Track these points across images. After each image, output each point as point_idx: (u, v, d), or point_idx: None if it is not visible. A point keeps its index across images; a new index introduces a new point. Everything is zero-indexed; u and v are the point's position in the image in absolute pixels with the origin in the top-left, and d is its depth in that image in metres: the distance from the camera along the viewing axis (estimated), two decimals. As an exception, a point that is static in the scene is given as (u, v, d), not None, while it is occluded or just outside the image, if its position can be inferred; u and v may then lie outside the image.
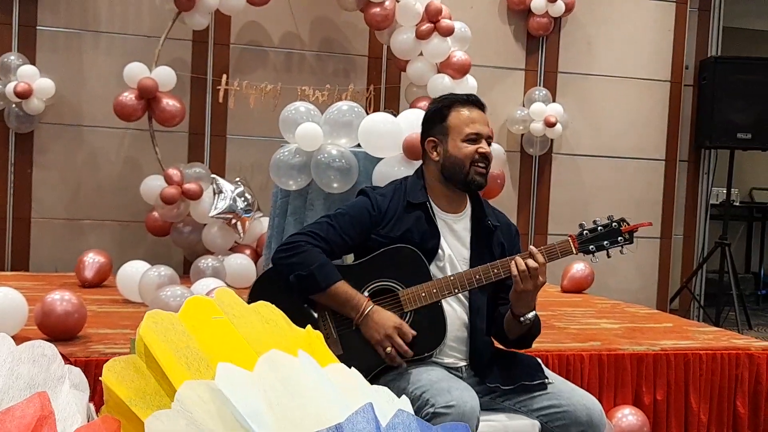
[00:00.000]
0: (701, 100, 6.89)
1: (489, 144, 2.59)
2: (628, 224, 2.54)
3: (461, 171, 2.55)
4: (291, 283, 2.44)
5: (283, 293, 2.48)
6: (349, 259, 2.73)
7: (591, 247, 2.51)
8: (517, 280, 2.40)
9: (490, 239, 2.61)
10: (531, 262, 2.40)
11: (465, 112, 2.58)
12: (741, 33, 8.32)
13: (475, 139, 2.55)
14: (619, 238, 2.52)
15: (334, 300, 2.44)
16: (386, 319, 2.40)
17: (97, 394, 1.72)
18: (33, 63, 5.54)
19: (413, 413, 1.42)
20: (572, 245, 2.50)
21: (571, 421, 2.40)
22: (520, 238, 2.79)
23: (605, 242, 2.51)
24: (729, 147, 6.67)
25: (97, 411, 1.64)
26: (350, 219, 2.54)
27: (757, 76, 6.58)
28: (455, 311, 2.54)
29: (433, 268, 2.51)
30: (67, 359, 1.69)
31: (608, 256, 2.53)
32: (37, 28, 5.67)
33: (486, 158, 2.56)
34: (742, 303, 6.65)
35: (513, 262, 2.41)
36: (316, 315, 2.47)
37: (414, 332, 2.42)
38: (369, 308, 2.41)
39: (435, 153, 2.60)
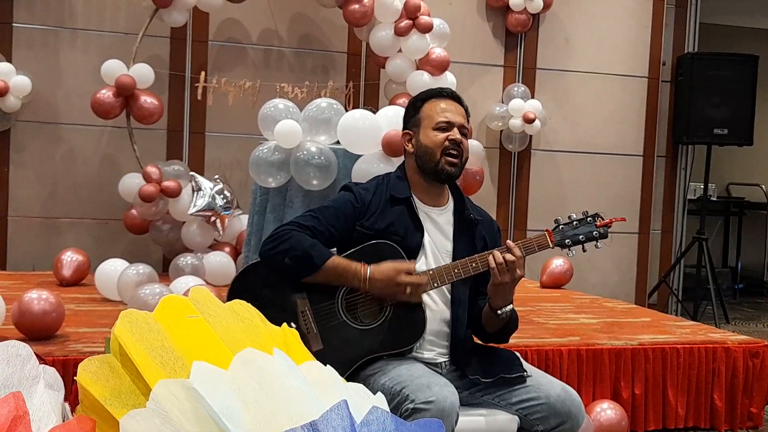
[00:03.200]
0: (678, 96, 6.94)
1: (464, 135, 2.58)
2: (603, 219, 2.57)
3: (432, 160, 2.56)
4: (286, 267, 2.44)
5: (264, 289, 2.48)
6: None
7: (567, 241, 2.54)
8: (495, 273, 2.43)
9: (473, 232, 2.63)
10: (508, 256, 2.42)
11: (437, 103, 2.61)
12: (717, 29, 8.39)
13: (445, 127, 2.56)
14: (594, 233, 2.55)
15: (332, 274, 2.45)
16: (386, 270, 2.42)
17: (72, 394, 1.72)
18: (9, 60, 5.49)
19: (388, 410, 1.42)
20: (549, 239, 2.53)
21: (550, 413, 2.42)
22: (501, 234, 2.81)
23: (580, 236, 2.55)
24: (706, 142, 6.71)
25: (73, 411, 1.63)
26: (334, 211, 2.55)
27: (733, 72, 6.63)
28: (437, 305, 2.55)
29: (416, 262, 2.52)
30: (42, 359, 1.68)
31: (584, 251, 2.56)
32: (13, 25, 5.62)
33: (458, 145, 2.55)
34: (719, 297, 6.71)
35: (491, 255, 2.44)
36: (296, 310, 2.48)
37: (413, 262, 2.46)
38: (368, 272, 2.43)
39: (410, 145, 2.64)
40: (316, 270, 2.44)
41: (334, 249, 2.59)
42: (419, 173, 2.62)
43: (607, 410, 3.51)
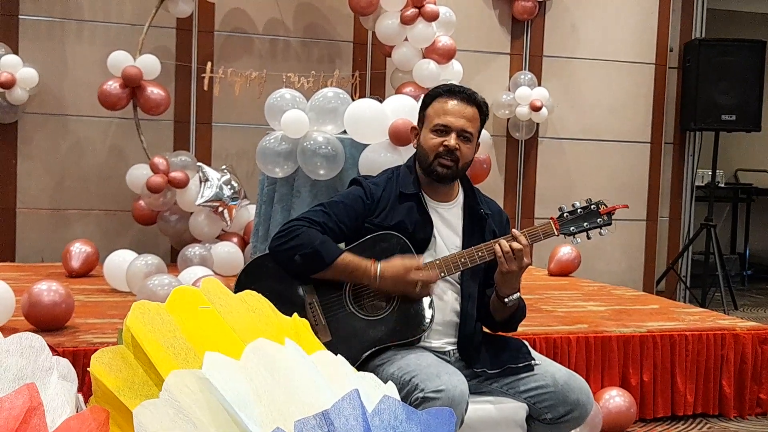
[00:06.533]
0: (686, 83, 6.91)
1: (467, 139, 2.53)
2: (606, 206, 2.56)
3: (426, 161, 2.55)
4: (296, 264, 2.43)
5: (271, 281, 2.48)
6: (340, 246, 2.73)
7: (572, 228, 2.54)
8: (501, 261, 2.42)
9: (483, 227, 2.62)
10: (515, 244, 2.42)
11: (445, 103, 2.54)
12: (724, 14, 8.34)
13: (442, 130, 2.51)
14: (598, 220, 2.55)
15: (342, 272, 2.44)
16: (396, 268, 2.42)
17: (85, 385, 1.73)
18: (15, 53, 5.50)
19: (399, 399, 1.43)
20: (554, 227, 2.53)
21: (558, 401, 2.42)
22: (510, 223, 2.80)
23: (585, 224, 2.55)
24: (714, 129, 6.69)
25: (86, 401, 1.65)
26: (344, 207, 2.54)
27: (740, 58, 6.60)
28: (446, 296, 2.55)
29: (426, 257, 2.52)
30: (54, 351, 1.70)
31: (588, 238, 2.56)
32: (19, 17, 5.63)
33: (450, 152, 2.50)
34: (727, 284, 6.69)
35: (497, 244, 2.43)
36: (304, 302, 2.48)
37: (420, 256, 2.46)
38: (378, 270, 2.42)
39: (415, 141, 2.63)
40: (325, 268, 2.44)
41: (342, 244, 2.59)
42: (420, 169, 2.62)
43: (615, 397, 3.52)
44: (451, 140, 2.50)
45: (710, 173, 6.87)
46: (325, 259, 2.43)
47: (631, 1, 6.84)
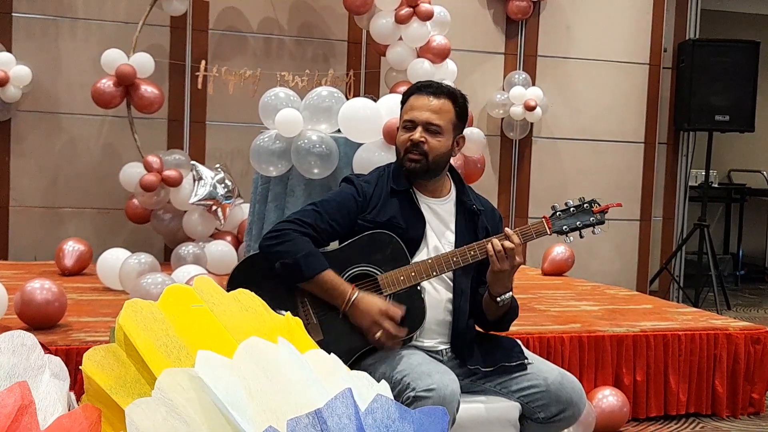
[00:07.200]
0: (680, 83, 6.93)
1: (434, 132, 2.52)
2: (599, 205, 2.57)
3: (399, 158, 2.58)
4: (276, 270, 2.44)
5: (263, 280, 2.47)
6: (334, 245, 2.72)
7: (564, 227, 2.55)
8: (493, 260, 2.42)
9: (475, 222, 2.62)
10: (507, 243, 2.42)
11: (414, 100, 2.56)
12: (719, 15, 8.36)
13: (409, 126, 2.54)
14: (591, 219, 2.55)
15: (319, 288, 2.44)
16: (372, 304, 2.40)
17: (77, 383, 1.73)
18: (9, 50, 5.49)
19: (392, 397, 1.43)
20: (546, 226, 2.54)
21: (551, 400, 2.43)
22: (503, 222, 2.80)
23: (578, 223, 2.55)
24: (707, 129, 6.71)
25: (78, 400, 1.64)
26: (336, 205, 2.54)
27: (734, 59, 6.61)
28: (439, 294, 2.55)
29: (418, 253, 2.52)
30: (47, 349, 1.69)
31: (581, 237, 2.56)
32: (13, 15, 5.61)
33: (416, 146, 2.51)
34: (720, 284, 6.71)
35: (490, 243, 2.44)
36: (296, 301, 2.48)
37: (402, 310, 2.41)
38: (354, 296, 2.41)
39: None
40: (303, 281, 2.44)
41: (335, 243, 2.59)
42: None
43: (608, 397, 3.53)
44: (416, 134, 2.51)
45: (704, 173, 6.89)
46: (304, 274, 2.42)
47: (625, 1, 6.85)
